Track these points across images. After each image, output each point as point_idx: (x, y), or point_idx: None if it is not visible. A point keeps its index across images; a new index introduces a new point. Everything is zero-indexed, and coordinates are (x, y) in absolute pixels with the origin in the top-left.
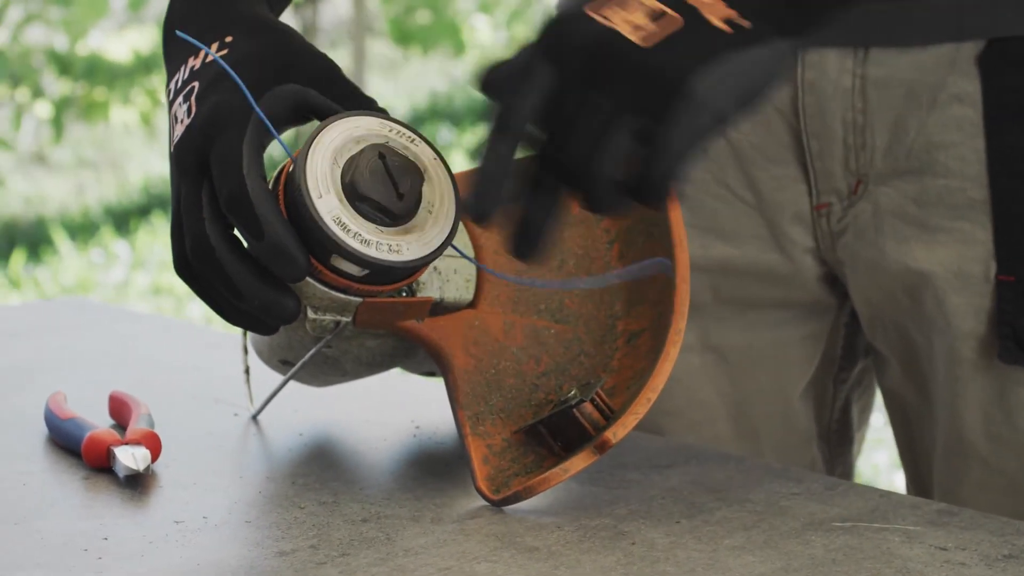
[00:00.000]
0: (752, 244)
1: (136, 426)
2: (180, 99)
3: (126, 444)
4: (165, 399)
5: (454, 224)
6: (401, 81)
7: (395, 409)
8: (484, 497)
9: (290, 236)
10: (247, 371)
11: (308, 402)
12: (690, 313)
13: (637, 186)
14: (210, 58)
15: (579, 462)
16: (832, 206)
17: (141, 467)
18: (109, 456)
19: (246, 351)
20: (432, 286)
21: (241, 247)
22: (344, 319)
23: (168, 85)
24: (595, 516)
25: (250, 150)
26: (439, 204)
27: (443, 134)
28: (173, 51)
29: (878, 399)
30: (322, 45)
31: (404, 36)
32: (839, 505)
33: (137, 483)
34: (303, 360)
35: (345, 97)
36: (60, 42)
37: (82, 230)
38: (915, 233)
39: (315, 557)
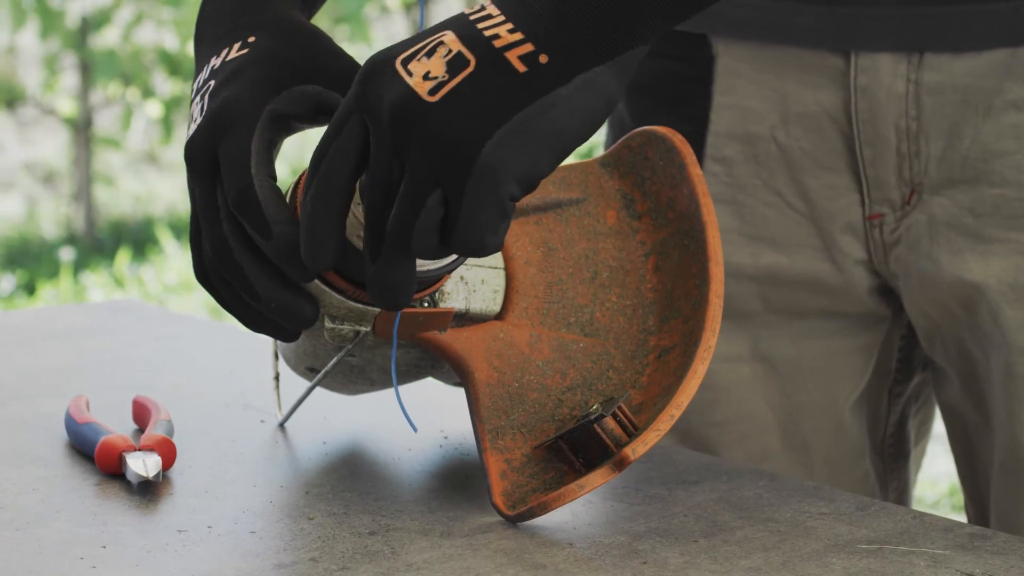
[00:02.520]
0: (803, 253)
1: (152, 432)
2: (197, 98)
3: (139, 450)
4: (196, 404)
5: (457, 259)
6: None
7: (425, 418)
8: (499, 512)
9: (298, 235)
10: (276, 377)
11: (337, 410)
12: (740, 322)
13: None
14: (231, 56)
15: (596, 479)
16: (885, 216)
17: (151, 474)
18: (121, 462)
19: (277, 357)
20: (457, 297)
21: (256, 247)
22: (363, 329)
23: (192, 85)
24: (611, 533)
25: (260, 147)
26: None
27: None
28: (200, 51)
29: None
30: None
31: None
32: (867, 527)
33: (148, 490)
34: (325, 369)
35: None
36: (171, 42)
37: (188, 229)
38: (970, 244)
39: (313, 570)
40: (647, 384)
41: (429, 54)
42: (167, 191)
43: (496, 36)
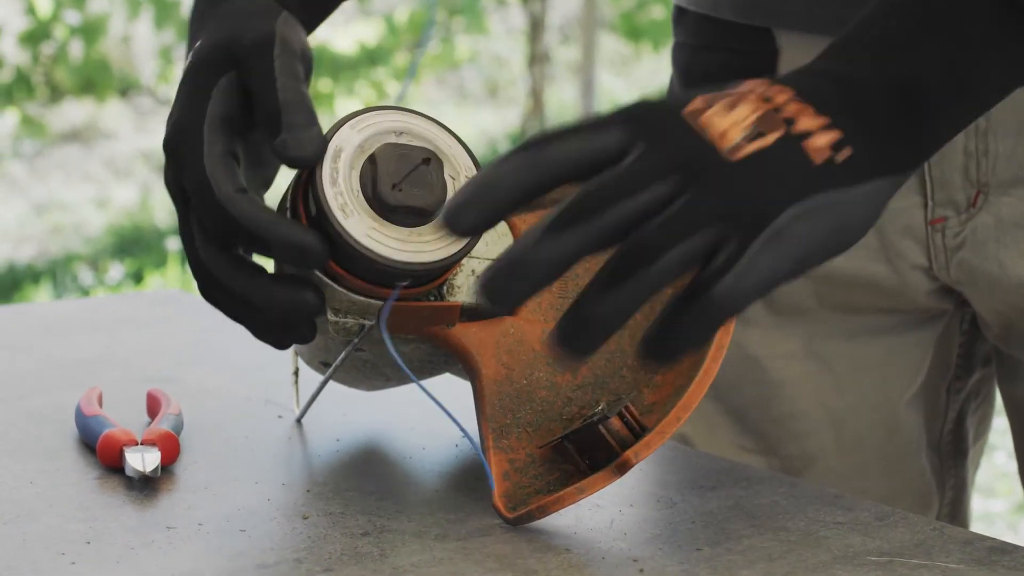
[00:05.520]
0: (858, 253)
1: (157, 426)
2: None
3: (140, 445)
4: (217, 398)
5: (458, 252)
6: (632, 77)
7: (444, 416)
8: (499, 515)
9: (295, 231)
10: (296, 372)
11: (358, 406)
12: (793, 318)
13: (690, 310)
14: (186, 63)
15: (597, 482)
16: (948, 220)
17: (148, 470)
18: (121, 457)
19: (296, 353)
20: (468, 290)
21: (240, 261)
22: (368, 322)
23: None
24: (612, 539)
25: (214, 165)
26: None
27: None
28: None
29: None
30: (552, 40)
31: (635, 31)
32: (882, 538)
33: (146, 486)
34: (335, 364)
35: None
36: None
37: None
38: None
39: (295, 571)
40: (660, 383)
41: (722, 113)
42: (278, 181)
43: (801, 121)
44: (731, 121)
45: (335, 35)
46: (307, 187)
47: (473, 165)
